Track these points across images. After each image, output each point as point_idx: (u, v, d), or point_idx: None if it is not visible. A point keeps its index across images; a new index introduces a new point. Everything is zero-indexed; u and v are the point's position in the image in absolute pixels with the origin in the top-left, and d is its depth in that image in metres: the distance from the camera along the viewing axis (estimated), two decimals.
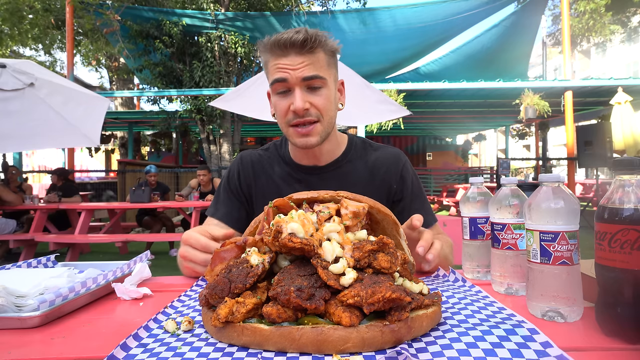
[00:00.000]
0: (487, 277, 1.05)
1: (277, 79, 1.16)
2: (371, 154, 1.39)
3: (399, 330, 0.63)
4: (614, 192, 0.68)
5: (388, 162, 1.37)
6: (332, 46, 1.21)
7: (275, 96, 1.21)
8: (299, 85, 1.16)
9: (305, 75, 1.14)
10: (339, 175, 1.34)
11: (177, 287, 1.06)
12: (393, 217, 0.85)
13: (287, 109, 1.18)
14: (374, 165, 1.36)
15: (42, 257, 1.19)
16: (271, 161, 1.39)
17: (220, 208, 1.37)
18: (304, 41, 1.13)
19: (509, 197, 0.94)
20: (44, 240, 5.57)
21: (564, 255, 0.75)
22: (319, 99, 1.18)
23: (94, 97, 5.21)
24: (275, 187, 1.34)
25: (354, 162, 1.36)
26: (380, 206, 0.83)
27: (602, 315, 0.69)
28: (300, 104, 1.15)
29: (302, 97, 1.16)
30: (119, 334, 0.71)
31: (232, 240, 0.82)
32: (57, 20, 10.89)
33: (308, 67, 1.15)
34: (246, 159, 1.41)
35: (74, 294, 0.87)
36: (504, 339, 0.62)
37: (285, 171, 1.36)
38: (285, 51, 1.14)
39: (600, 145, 8.27)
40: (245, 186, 1.38)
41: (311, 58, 1.15)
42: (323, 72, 1.18)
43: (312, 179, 1.34)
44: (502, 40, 10.36)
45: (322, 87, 1.19)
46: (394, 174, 1.36)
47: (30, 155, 18.77)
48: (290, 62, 1.14)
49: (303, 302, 0.63)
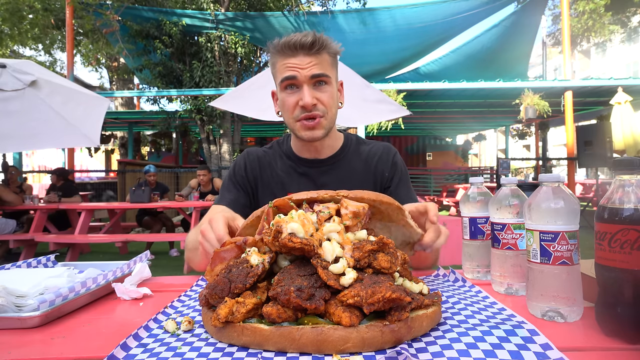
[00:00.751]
0: (487, 277, 1.05)
1: (287, 77, 1.25)
2: (364, 148, 1.50)
3: (399, 330, 0.63)
4: (614, 192, 0.68)
5: (380, 151, 1.49)
6: (335, 49, 1.31)
7: (283, 93, 1.30)
8: (307, 83, 1.25)
9: (313, 73, 1.24)
10: (338, 167, 1.44)
11: (177, 287, 1.06)
12: (396, 203, 0.86)
13: (295, 104, 1.28)
14: (368, 157, 1.47)
15: (42, 257, 1.19)
16: (275, 157, 1.48)
17: (227, 196, 1.43)
18: (312, 43, 1.23)
19: (509, 197, 0.94)
20: (44, 240, 5.57)
21: (564, 255, 0.75)
22: (325, 95, 1.28)
23: (94, 97, 5.21)
24: (279, 179, 1.43)
25: (351, 155, 1.47)
26: (382, 197, 0.84)
27: (602, 315, 0.69)
28: (309, 99, 1.24)
29: (310, 93, 1.25)
30: (119, 334, 0.71)
31: (232, 240, 0.82)
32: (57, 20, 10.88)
33: (315, 66, 1.25)
34: (252, 153, 1.50)
35: (74, 294, 0.87)
36: (503, 340, 0.62)
37: (288, 165, 1.45)
38: (295, 52, 1.24)
39: (600, 145, 8.27)
40: (251, 177, 1.45)
41: (318, 58, 1.25)
42: (328, 71, 1.28)
43: (314, 172, 1.43)
44: (502, 40, 10.35)
45: (327, 85, 1.29)
46: (386, 161, 1.47)
47: (30, 155, 18.76)
48: (299, 61, 1.24)
49: (303, 302, 0.63)
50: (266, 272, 0.73)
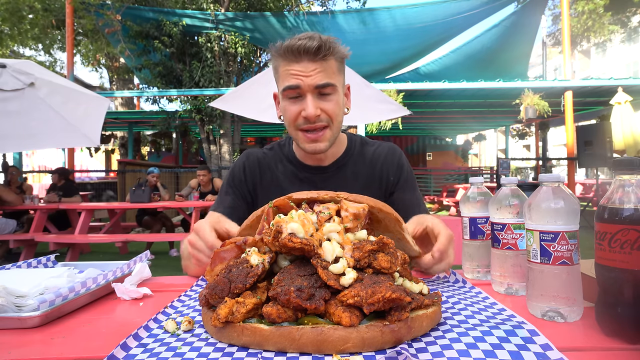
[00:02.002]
0: (487, 277, 1.05)
1: (289, 86, 1.17)
2: (368, 150, 1.43)
3: (399, 330, 0.63)
4: (614, 192, 0.68)
5: (385, 153, 1.42)
6: (342, 53, 1.22)
7: (285, 101, 1.22)
8: (311, 92, 1.17)
9: (317, 83, 1.16)
10: (341, 173, 1.38)
11: (177, 287, 1.06)
12: (395, 214, 0.85)
13: (297, 114, 1.20)
14: (372, 159, 1.40)
15: (42, 257, 1.19)
16: (275, 160, 1.41)
17: (224, 201, 1.36)
18: (318, 48, 1.14)
19: (509, 197, 0.94)
20: (44, 240, 5.57)
21: (564, 255, 0.75)
22: (330, 105, 1.20)
23: (94, 97, 5.21)
24: (279, 184, 1.37)
25: (355, 159, 1.40)
26: (381, 205, 0.83)
27: (602, 315, 0.69)
28: (312, 111, 1.16)
29: (314, 103, 1.17)
30: (119, 334, 0.71)
31: (232, 240, 0.82)
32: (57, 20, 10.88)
33: (320, 74, 1.16)
34: (252, 156, 1.43)
35: (74, 294, 0.87)
36: (503, 340, 0.62)
37: (289, 170, 1.39)
38: (299, 57, 1.15)
39: (600, 145, 8.27)
40: (250, 182, 1.39)
41: (323, 65, 1.16)
42: (334, 78, 1.19)
43: (316, 179, 1.37)
44: (502, 40, 10.36)
45: (333, 94, 1.20)
46: (391, 163, 1.40)
47: (30, 155, 18.77)
48: (303, 68, 1.15)
49: (303, 302, 0.63)
50: (266, 272, 0.73)
